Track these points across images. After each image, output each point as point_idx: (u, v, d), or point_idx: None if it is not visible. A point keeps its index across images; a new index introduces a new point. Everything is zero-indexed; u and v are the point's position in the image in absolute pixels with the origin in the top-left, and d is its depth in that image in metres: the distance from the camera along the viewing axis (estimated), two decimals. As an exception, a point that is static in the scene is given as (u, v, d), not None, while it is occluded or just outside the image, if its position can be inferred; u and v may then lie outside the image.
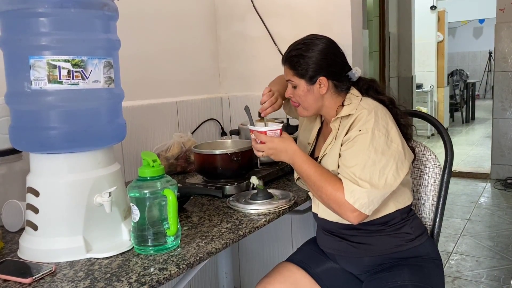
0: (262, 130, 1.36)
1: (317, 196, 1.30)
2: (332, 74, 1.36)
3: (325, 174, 1.28)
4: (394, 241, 1.33)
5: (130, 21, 1.82)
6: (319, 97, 1.37)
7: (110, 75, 1.12)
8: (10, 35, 1.05)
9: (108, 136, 1.16)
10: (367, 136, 1.25)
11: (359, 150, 1.25)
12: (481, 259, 2.88)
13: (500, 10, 4.51)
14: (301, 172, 1.31)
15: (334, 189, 1.23)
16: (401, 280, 1.27)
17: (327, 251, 1.45)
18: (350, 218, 1.23)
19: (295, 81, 1.38)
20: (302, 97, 1.38)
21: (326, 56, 1.35)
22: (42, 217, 1.10)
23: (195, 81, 2.28)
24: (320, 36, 1.40)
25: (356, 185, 1.21)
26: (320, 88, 1.36)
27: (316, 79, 1.35)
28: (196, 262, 1.05)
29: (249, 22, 2.28)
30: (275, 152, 1.34)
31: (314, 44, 1.37)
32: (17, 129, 1.11)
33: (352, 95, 1.38)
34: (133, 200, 1.09)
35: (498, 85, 4.63)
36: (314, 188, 1.28)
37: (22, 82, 1.04)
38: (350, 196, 1.20)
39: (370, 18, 4.79)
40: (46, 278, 0.99)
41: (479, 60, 11.93)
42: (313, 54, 1.35)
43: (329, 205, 1.27)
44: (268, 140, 1.34)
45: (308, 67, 1.34)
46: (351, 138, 1.28)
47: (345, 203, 1.21)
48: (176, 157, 1.89)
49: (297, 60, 1.36)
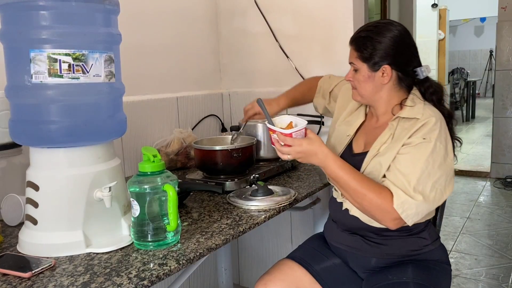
0: (288, 132, 1.23)
1: (355, 202, 1.24)
2: (399, 64, 1.28)
3: (366, 181, 1.21)
4: (411, 246, 1.31)
5: (131, 15, 1.81)
6: (379, 86, 1.30)
7: (111, 69, 1.11)
8: (11, 28, 1.05)
9: (109, 130, 1.16)
10: (429, 145, 1.20)
11: (418, 159, 1.19)
12: (480, 258, 2.88)
13: (502, 9, 4.50)
14: (336, 177, 1.23)
15: (380, 198, 1.18)
16: (406, 277, 1.26)
17: (338, 247, 1.41)
18: (389, 224, 1.20)
19: (357, 64, 1.30)
20: (361, 82, 1.31)
21: (396, 44, 1.27)
22: (41, 211, 1.09)
23: (196, 77, 2.27)
24: (396, 22, 1.31)
25: (407, 196, 1.16)
26: (383, 76, 1.28)
27: (380, 66, 1.27)
28: (196, 257, 1.05)
29: (251, 18, 2.27)
30: (303, 156, 1.24)
31: (387, 29, 1.28)
32: (17, 123, 1.10)
33: (415, 96, 1.31)
34: (133, 195, 1.09)
35: (498, 84, 4.63)
36: (353, 195, 1.22)
37: (23, 76, 1.03)
38: (400, 206, 1.16)
39: (372, 16, 4.78)
40: (45, 272, 0.99)
41: (479, 59, 11.91)
42: (383, 39, 1.26)
43: (369, 212, 1.22)
44: (296, 143, 1.22)
45: (374, 52, 1.27)
46: (412, 144, 1.21)
47: (391, 212, 1.17)
48: (176, 153, 1.89)
49: (364, 42, 1.28)
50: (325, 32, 2.08)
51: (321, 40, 2.09)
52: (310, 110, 2.10)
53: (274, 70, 2.26)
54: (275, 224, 2.31)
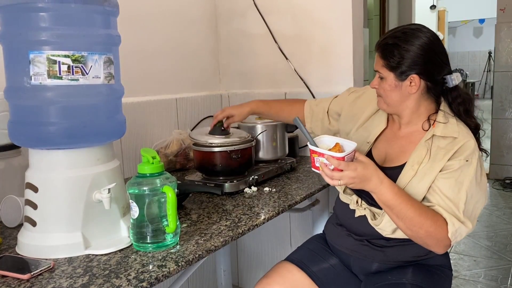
0: (340, 156, 1.12)
1: (408, 230, 1.18)
2: (428, 74, 1.22)
3: (422, 209, 1.16)
4: (417, 252, 1.30)
5: (130, 17, 1.81)
6: (406, 95, 1.24)
7: (110, 71, 1.11)
8: (10, 29, 1.04)
9: (108, 132, 1.16)
10: (471, 168, 1.18)
11: (462, 182, 1.17)
12: (479, 259, 2.89)
13: (500, 10, 4.51)
14: (391, 205, 1.16)
15: (436, 226, 1.15)
16: (406, 279, 1.26)
17: (342, 250, 1.40)
18: (440, 250, 1.19)
19: (383, 73, 1.25)
20: (387, 91, 1.26)
21: (425, 52, 1.20)
22: (40, 213, 1.09)
23: (195, 78, 2.27)
24: (425, 28, 1.24)
25: (460, 223, 1.15)
26: (410, 86, 1.23)
27: (407, 76, 1.22)
28: (195, 259, 1.05)
29: (250, 19, 2.27)
30: (357, 182, 1.14)
31: (415, 36, 1.21)
32: (16, 124, 1.10)
33: (445, 112, 1.26)
34: (132, 196, 1.08)
35: (497, 85, 4.63)
36: (408, 223, 1.16)
37: (22, 77, 1.03)
38: (453, 234, 1.15)
39: (371, 17, 4.79)
40: (44, 274, 0.99)
41: (478, 60, 11.93)
42: (411, 47, 1.20)
43: (421, 239, 1.18)
44: (351, 168, 1.12)
45: (401, 61, 1.21)
46: (455, 167, 1.18)
47: (446, 240, 1.16)
48: (175, 154, 1.89)
49: (391, 49, 1.22)
50: (324, 33, 2.08)
51: (320, 41, 2.10)
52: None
53: (273, 72, 2.26)
54: (274, 226, 2.31)
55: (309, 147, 1.19)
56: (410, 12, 5.70)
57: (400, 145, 1.32)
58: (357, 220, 1.34)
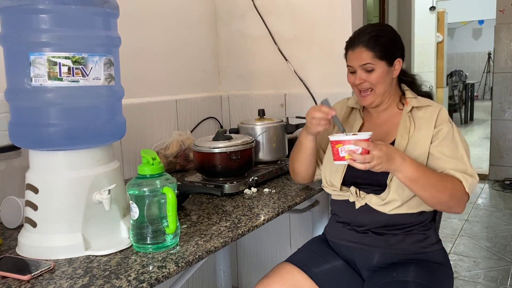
0: (366, 137, 1.18)
1: (433, 198, 1.24)
2: (403, 56, 1.37)
3: (440, 174, 1.26)
4: (418, 243, 1.33)
5: (130, 18, 1.82)
6: (391, 80, 1.37)
7: (110, 73, 1.12)
8: (11, 31, 1.05)
9: (108, 133, 1.16)
10: (454, 127, 1.32)
11: (456, 141, 1.30)
12: (479, 260, 2.89)
13: (500, 11, 4.52)
14: (415, 179, 1.21)
15: (455, 186, 1.25)
16: (410, 276, 1.27)
17: (346, 245, 1.40)
18: (461, 209, 1.28)
19: (374, 64, 1.32)
20: (380, 80, 1.33)
21: (400, 38, 1.37)
22: (41, 214, 1.09)
23: (195, 79, 2.28)
24: (379, 23, 1.43)
25: (470, 177, 1.26)
26: (395, 70, 1.36)
27: (394, 60, 1.35)
28: (195, 260, 1.05)
29: (249, 20, 2.28)
30: (384, 160, 1.17)
31: (387, 26, 1.39)
32: (17, 126, 1.11)
33: (409, 91, 1.41)
34: (132, 197, 1.09)
35: (497, 86, 4.64)
36: (433, 192, 1.22)
37: (22, 79, 1.04)
38: (469, 189, 1.25)
39: (370, 18, 4.79)
40: (44, 275, 0.99)
41: (478, 61, 11.94)
42: (391, 36, 1.35)
43: (445, 203, 1.26)
44: (377, 148, 1.17)
45: (390, 47, 1.33)
46: (444, 130, 1.30)
47: (465, 196, 1.26)
48: (175, 155, 1.89)
49: (376, 40, 1.32)
50: (324, 34, 2.08)
51: (320, 42, 2.10)
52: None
53: (273, 73, 2.26)
54: (274, 227, 2.32)
55: (335, 138, 1.21)
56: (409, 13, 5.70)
57: (383, 129, 1.40)
58: (358, 212, 1.36)
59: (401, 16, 5.64)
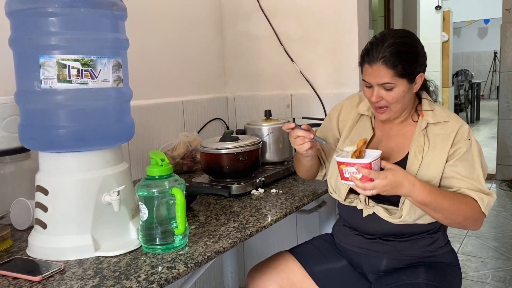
0: (366, 162, 1.12)
1: (446, 219, 1.22)
2: (425, 68, 1.26)
3: (454, 196, 1.21)
4: (427, 247, 1.32)
5: (137, 21, 1.82)
6: (412, 96, 1.28)
7: (119, 75, 1.12)
8: (20, 34, 1.06)
9: (117, 135, 1.17)
10: (473, 143, 1.26)
11: (473, 160, 1.25)
12: (487, 260, 2.87)
13: (506, 10, 4.49)
14: (427, 203, 1.18)
15: (470, 208, 1.21)
16: (421, 279, 1.26)
17: (352, 249, 1.39)
18: (478, 228, 1.26)
19: (394, 83, 1.21)
20: (399, 98, 1.23)
21: (423, 49, 1.25)
22: (51, 215, 1.10)
23: (201, 81, 2.28)
24: (401, 29, 1.27)
25: (486, 196, 1.22)
26: (416, 85, 1.26)
27: (415, 76, 1.24)
28: (204, 261, 1.06)
29: (255, 21, 2.28)
30: (389, 188, 1.14)
31: (409, 36, 1.24)
32: (26, 128, 1.11)
33: (429, 100, 1.32)
34: (141, 199, 1.09)
35: (503, 85, 4.61)
36: (446, 214, 1.19)
37: (32, 81, 1.05)
38: (485, 208, 1.21)
39: (375, 18, 4.78)
40: (55, 276, 1.00)
41: (484, 60, 11.88)
42: (414, 50, 1.23)
43: (460, 223, 1.23)
44: (381, 176, 1.12)
45: (412, 64, 1.21)
46: (463, 149, 1.24)
47: (481, 216, 1.23)
48: (182, 156, 1.90)
49: (399, 56, 1.19)
50: (330, 35, 2.08)
51: (326, 43, 2.10)
52: (314, 113, 2.11)
53: (279, 74, 2.27)
54: (281, 228, 2.31)
55: (339, 159, 1.18)
56: (414, 13, 5.69)
57: (395, 142, 1.34)
58: (366, 220, 1.34)
59: (406, 16, 5.63)
